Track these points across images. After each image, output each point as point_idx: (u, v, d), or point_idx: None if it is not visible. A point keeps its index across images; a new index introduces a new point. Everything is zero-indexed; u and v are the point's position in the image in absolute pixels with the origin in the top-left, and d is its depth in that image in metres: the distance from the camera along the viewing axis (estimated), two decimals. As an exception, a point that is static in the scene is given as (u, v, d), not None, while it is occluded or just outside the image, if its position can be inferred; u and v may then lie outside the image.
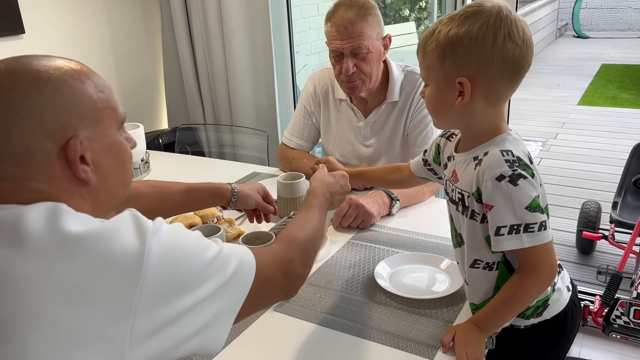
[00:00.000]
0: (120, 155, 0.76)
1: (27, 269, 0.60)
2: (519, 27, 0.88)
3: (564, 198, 3.69)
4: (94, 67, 0.75)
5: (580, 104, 6.05)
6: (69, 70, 0.70)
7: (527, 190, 0.88)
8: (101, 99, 0.72)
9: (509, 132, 0.96)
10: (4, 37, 2.09)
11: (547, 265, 0.92)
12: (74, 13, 2.35)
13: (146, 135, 2.31)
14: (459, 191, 0.99)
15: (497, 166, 0.89)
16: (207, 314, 0.69)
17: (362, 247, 1.39)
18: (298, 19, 3.51)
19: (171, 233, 0.68)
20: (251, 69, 2.54)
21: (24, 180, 0.67)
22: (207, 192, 1.29)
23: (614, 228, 2.72)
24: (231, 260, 0.74)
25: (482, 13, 0.88)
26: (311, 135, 1.91)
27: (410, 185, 1.40)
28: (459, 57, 0.89)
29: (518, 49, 0.88)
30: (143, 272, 0.62)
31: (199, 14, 2.51)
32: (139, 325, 0.62)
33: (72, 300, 0.60)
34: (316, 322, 1.10)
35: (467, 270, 1.03)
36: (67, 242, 0.62)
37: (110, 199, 0.77)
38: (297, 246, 0.91)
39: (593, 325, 2.19)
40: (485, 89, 0.91)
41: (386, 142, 1.77)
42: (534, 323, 1.04)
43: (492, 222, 0.91)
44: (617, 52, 8.50)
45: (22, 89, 0.66)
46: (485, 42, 0.87)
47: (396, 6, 5.30)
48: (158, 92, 2.87)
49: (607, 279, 2.33)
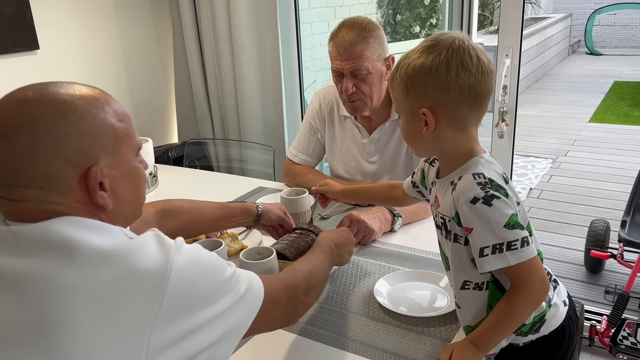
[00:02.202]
0: (136, 180, 0.80)
1: (68, 277, 0.64)
2: (472, 55, 0.92)
3: (572, 216, 3.67)
4: (106, 82, 0.79)
5: (591, 121, 6.01)
6: (92, 99, 0.74)
7: (502, 209, 0.90)
8: (121, 128, 0.76)
9: (482, 155, 0.98)
10: (19, 53, 2.14)
11: (538, 279, 0.93)
12: (88, 29, 2.41)
13: (155, 149, 2.34)
14: (441, 216, 1.02)
15: (469, 189, 0.92)
16: (220, 329, 0.73)
17: (363, 263, 1.40)
18: (308, 36, 3.55)
19: (192, 251, 0.73)
20: (260, 85, 2.57)
21: (44, 203, 0.70)
22: (236, 209, 1.37)
23: (622, 247, 2.69)
24: (242, 280, 0.79)
25: (436, 46, 0.93)
26: (316, 151, 1.94)
27: (407, 203, 1.41)
28: (419, 90, 0.94)
29: (472, 77, 0.92)
30: (165, 286, 0.66)
31: (209, 31, 2.56)
32: (157, 338, 0.65)
33: (98, 310, 0.63)
34: (314, 339, 1.11)
35: (458, 293, 1.04)
36: (98, 255, 0.66)
37: (124, 221, 0.80)
38: (302, 275, 0.96)
39: (600, 345, 2.16)
40: (448, 117, 0.95)
41: (390, 159, 1.79)
42: (532, 340, 1.04)
43: (475, 245, 0.92)
44: (630, 69, 8.45)
45: (49, 118, 0.69)
46: (439, 73, 0.92)
47: (407, 23, 5.34)
48: (168, 107, 2.92)
49: (614, 298, 2.31)
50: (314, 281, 1.00)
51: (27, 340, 0.62)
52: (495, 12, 8.43)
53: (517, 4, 1.96)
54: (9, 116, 0.69)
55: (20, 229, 0.69)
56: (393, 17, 5.29)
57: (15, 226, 0.69)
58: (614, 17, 9.45)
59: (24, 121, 0.68)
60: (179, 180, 2.16)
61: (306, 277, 0.97)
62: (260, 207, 1.39)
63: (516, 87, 2.06)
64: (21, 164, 0.68)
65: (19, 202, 0.70)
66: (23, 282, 0.65)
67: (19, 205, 0.70)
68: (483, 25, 8.35)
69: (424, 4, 5.33)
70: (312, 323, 1.16)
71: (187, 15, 2.58)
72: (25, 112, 0.69)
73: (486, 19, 8.45)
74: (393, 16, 5.29)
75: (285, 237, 1.37)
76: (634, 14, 9.30)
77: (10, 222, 0.70)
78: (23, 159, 0.68)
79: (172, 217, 1.24)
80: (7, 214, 0.71)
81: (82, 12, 2.38)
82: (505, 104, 2.08)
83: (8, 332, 0.63)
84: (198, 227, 1.29)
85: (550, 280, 1.08)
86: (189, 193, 1.93)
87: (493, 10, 8.49)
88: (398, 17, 5.35)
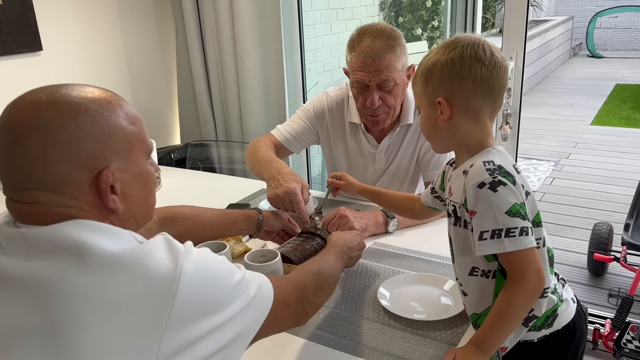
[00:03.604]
0: (147, 183, 0.80)
1: (78, 281, 0.64)
2: (486, 50, 1.00)
3: (575, 219, 3.66)
4: (109, 83, 0.79)
5: (593, 123, 6.01)
6: (104, 102, 0.73)
7: (506, 196, 0.93)
8: (133, 131, 0.75)
9: (494, 146, 1.03)
10: (23, 54, 2.14)
11: (533, 270, 0.94)
12: (91, 30, 2.41)
13: (158, 151, 2.35)
14: (452, 203, 1.05)
15: (478, 174, 0.95)
16: (229, 334, 0.72)
17: (367, 266, 1.39)
18: (310, 38, 3.55)
19: (201, 255, 0.72)
20: (263, 87, 2.57)
21: (55, 206, 0.69)
22: (237, 215, 1.37)
23: (626, 250, 2.69)
24: (252, 284, 0.78)
25: (454, 43, 1.02)
26: (304, 138, 1.80)
27: (421, 217, 1.41)
28: (436, 81, 1.02)
29: (485, 69, 0.99)
30: (175, 291, 0.65)
31: (212, 33, 2.56)
32: (167, 343, 0.64)
33: (107, 314, 0.63)
34: (317, 341, 1.10)
35: (465, 279, 1.06)
36: (108, 260, 0.65)
37: (136, 223, 0.80)
38: (311, 275, 0.96)
39: (604, 349, 2.15)
40: (462, 107, 1.01)
41: (399, 166, 1.76)
42: (546, 334, 1.07)
43: (476, 228, 0.95)
44: (632, 72, 8.44)
45: (61, 121, 0.68)
46: (454, 65, 0.99)
47: (409, 25, 5.35)
48: (171, 109, 2.91)
49: (618, 302, 2.30)
50: (324, 281, 0.99)
51: (36, 344, 0.62)
52: (497, 14, 8.43)
53: (521, 6, 1.96)
54: (20, 119, 0.69)
55: (30, 231, 0.68)
56: (395, 19, 5.30)
57: (25, 228, 0.69)
58: (616, 19, 9.45)
59: (35, 125, 0.68)
60: (181, 182, 2.15)
61: (315, 277, 0.97)
62: (261, 213, 1.38)
63: (520, 89, 2.06)
64: (32, 167, 0.68)
65: (30, 204, 0.70)
66: (33, 285, 0.64)
67: (30, 208, 0.70)
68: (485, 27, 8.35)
69: (426, 6, 5.34)
70: (315, 326, 1.15)
71: (190, 16, 2.58)
72: (36, 116, 0.68)
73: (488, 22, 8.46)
74: (395, 18, 5.30)
75: (291, 240, 1.36)
76: (635, 16, 9.30)
77: (21, 225, 0.70)
78: (34, 162, 0.68)
79: (174, 223, 1.24)
80: (18, 216, 0.71)
81: (86, 13, 2.38)
82: (509, 106, 2.07)
83: (17, 335, 0.63)
84: (200, 233, 1.28)
85: (558, 280, 1.10)
86: (192, 195, 1.92)
87: (495, 13, 8.49)
88: (400, 20, 5.35)
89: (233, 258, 1.37)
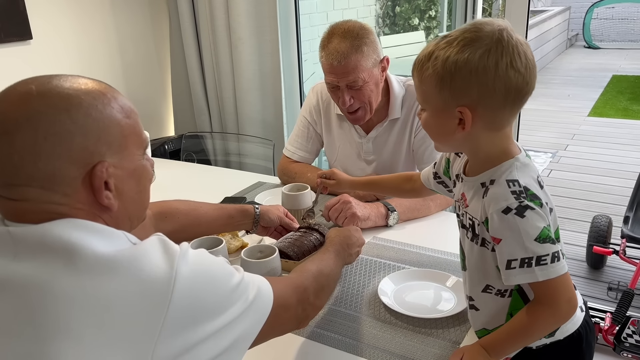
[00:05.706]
0: (142, 179, 0.76)
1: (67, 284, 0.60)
2: (521, 52, 0.84)
3: (574, 211, 3.64)
4: (101, 74, 0.75)
5: (590, 115, 5.99)
6: (99, 94, 0.69)
7: (534, 221, 0.85)
8: (128, 125, 0.72)
9: (517, 157, 0.91)
10: (12, 43, 2.09)
11: (564, 299, 0.88)
12: (81, 19, 2.35)
13: (152, 142, 2.30)
14: (470, 217, 0.96)
15: (503, 198, 0.86)
16: (228, 339, 0.69)
17: (367, 261, 1.36)
18: (307, 27, 3.50)
19: (198, 258, 0.69)
20: (258, 77, 2.52)
21: (45, 203, 0.66)
22: (234, 210, 1.32)
23: (625, 243, 2.67)
24: (251, 287, 0.75)
25: (482, 40, 0.84)
26: (314, 146, 1.88)
27: (423, 195, 1.36)
28: (458, 87, 0.85)
29: (521, 77, 0.84)
30: (170, 296, 0.62)
31: (207, 22, 2.51)
32: (162, 350, 0.61)
33: (98, 320, 0.59)
34: (317, 340, 1.07)
35: (478, 296, 1.00)
36: (99, 262, 0.62)
37: (129, 222, 0.76)
38: (311, 276, 0.93)
39: (604, 343, 2.14)
40: (487, 119, 0.87)
41: (389, 158, 1.75)
42: (546, 343, 1.00)
43: (502, 256, 0.88)
44: (629, 63, 8.42)
45: (52, 114, 0.65)
46: (487, 73, 0.83)
47: (405, 15, 5.30)
48: (165, 99, 2.86)
49: (617, 295, 2.28)
50: (324, 282, 0.96)
51: (21, 351, 0.58)
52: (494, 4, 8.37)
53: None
54: (9, 111, 0.65)
55: (19, 230, 0.65)
56: (392, 9, 5.24)
57: (14, 227, 0.65)
58: (613, 10, 9.42)
59: (25, 117, 0.64)
60: (175, 174, 2.11)
61: (315, 278, 0.93)
62: (258, 207, 1.34)
63: (521, 80, 2.02)
64: (22, 161, 0.64)
65: (19, 201, 0.66)
66: (20, 287, 0.61)
67: (19, 205, 0.66)
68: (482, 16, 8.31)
69: (423, -5, 5.28)
70: (316, 325, 1.12)
71: (184, 5, 2.53)
72: (27, 107, 0.65)
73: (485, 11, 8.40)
74: (392, 8, 5.24)
75: (289, 235, 1.32)
76: (632, 7, 9.28)
77: (9, 223, 0.66)
78: (24, 157, 0.64)
79: (169, 219, 1.20)
80: (6, 213, 0.67)
81: (77, 1, 2.32)
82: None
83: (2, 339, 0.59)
84: (195, 229, 1.24)
85: None
86: (186, 188, 1.89)
87: (492, 3, 8.44)
88: (397, 9, 5.30)
89: (229, 253, 1.33)
